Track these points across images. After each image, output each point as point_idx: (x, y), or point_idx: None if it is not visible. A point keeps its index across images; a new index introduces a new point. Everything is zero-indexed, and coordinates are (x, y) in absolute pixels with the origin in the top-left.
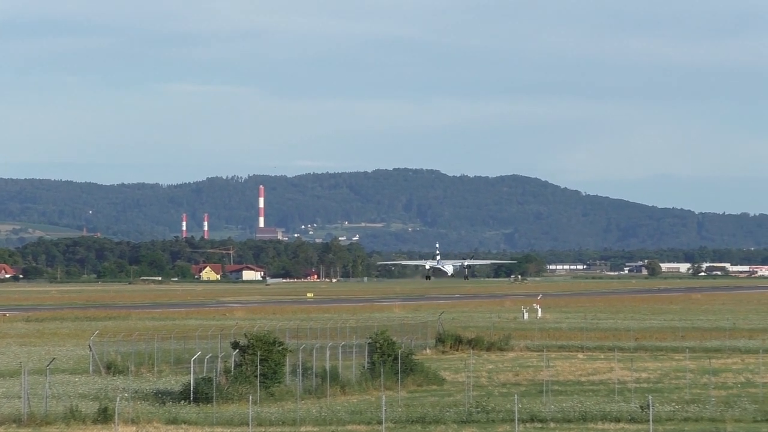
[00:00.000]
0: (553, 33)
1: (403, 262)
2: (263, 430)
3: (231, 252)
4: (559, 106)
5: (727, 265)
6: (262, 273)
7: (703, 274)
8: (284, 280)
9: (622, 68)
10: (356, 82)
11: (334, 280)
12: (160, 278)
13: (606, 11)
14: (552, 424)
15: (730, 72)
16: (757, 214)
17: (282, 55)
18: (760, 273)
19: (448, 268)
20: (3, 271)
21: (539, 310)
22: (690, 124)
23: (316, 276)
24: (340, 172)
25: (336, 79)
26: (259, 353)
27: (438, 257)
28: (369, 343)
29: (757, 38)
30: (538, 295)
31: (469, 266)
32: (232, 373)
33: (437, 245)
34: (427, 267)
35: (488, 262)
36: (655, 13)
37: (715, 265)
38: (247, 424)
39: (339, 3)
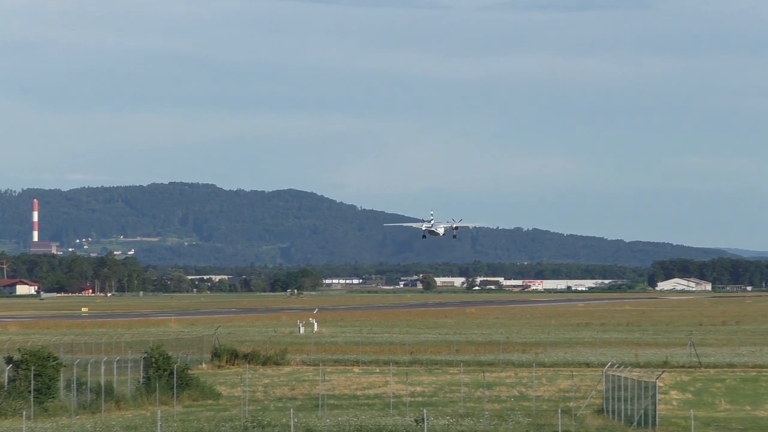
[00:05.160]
0: (325, 47)
1: (405, 224)
2: None
3: (4, 266)
4: (334, 120)
5: (501, 279)
6: (36, 287)
7: (477, 288)
8: (59, 295)
9: (394, 83)
10: (130, 95)
11: (109, 295)
12: None
13: (375, 26)
14: None
15: (500, 88)
16: (530, 229)
17: (53, 67)
18: (533, 287)
19: (440, 229)
20: None
21: (315, 324)
22: (462, 139)
23: (91, 290)
24: (115, 186)
25: (109, 93)
26: (32, 368)
27: (432, 220)
28: (144, 358)
29: (523, 55)
30: (314, 309)
31: (456, 227)
32: (5, 389)
33: (431, 212)
34: (423, 228)
35: (473, 225)
36: (422, 29)
37: (488, 279)
38: None
39: (110, 17)
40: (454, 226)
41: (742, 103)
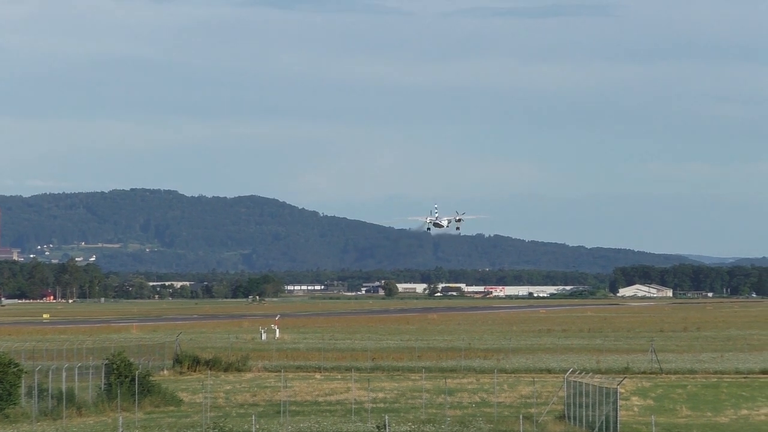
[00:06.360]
0: (287, 54)
1: (410, 218)
2: None
3: None
4: (296, 127)
5: (463, 286)
6: None
7: (439, 294)
8: (20, 301)
9: (355, 90)
10: (91, 101)
11: (70, 301)
12: None
13: (337, 33)
14: None
15: (461, 94)
16: (492, 236)
17: (12, 73)
18: (494, 293)
19: (444, 222)
20: None
21: (277, 330)
22: (424, 146)
23: (52, 297)
24: (76, 192)
25: (69, 98)
26: None
27: (437, 213)
28: (106, 365)
29: (484, 61)
30: (276, 315)
31: (459, 219)
32: None
33: (435, 206)
34: (428, 221)
35: (474, 216)
36: (384, 36)
37: (450, 285)
38: None
39: (70, 22)
40: (458, 218)
41: (701, 109)
